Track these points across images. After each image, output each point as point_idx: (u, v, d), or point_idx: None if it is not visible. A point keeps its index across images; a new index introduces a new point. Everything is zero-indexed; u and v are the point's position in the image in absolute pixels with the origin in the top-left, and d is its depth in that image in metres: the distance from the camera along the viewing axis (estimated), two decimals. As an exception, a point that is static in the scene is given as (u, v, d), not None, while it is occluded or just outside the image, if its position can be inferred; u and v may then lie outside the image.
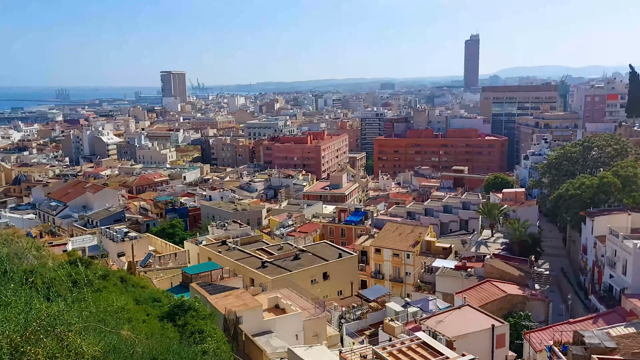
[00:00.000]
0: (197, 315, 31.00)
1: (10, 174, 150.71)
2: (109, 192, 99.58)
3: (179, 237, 77.47)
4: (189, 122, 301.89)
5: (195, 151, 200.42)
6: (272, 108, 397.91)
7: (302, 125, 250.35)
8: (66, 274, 30.85)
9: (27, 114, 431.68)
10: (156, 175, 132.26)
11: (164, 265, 56.97)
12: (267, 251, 60.53)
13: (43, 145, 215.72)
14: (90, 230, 76.49)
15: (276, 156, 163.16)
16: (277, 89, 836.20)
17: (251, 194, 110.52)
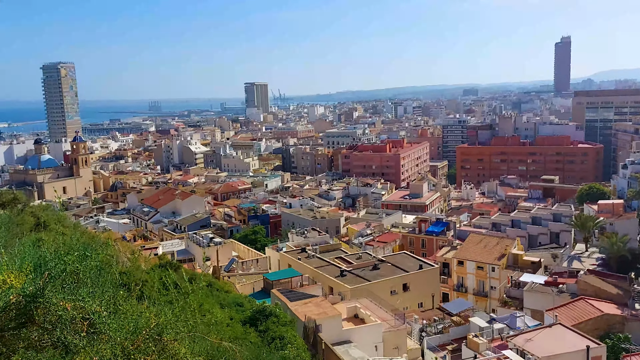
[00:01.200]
0: (278, 322, 31.38)
1: (108, 181, 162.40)
2: (196, 198, 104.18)
3: (261, 244, 79.32)
4: (271, 132, 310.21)
5: (277, 160, 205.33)
6: (350, 117, 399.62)
7: (381, 134, 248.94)
8: (157, 277, 32.44)
9: (123, 125, 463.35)
10: (240, 183, 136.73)
11: (246, 271, 58.49)
12: (345, 260, 60.41)
13: (137, 154, 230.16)
14: (179, 235, 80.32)
15: (354, 164, 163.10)
16: (356, 98, 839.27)
17: (330, 202, 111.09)
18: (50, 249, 5.00)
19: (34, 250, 4.23)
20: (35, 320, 3.26)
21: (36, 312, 3.25)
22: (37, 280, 3.33)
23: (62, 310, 3.35)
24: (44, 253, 3.73)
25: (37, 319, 3.26)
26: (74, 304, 3.41)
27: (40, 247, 9.11)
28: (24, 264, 3.30)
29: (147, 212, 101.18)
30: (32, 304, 3.28)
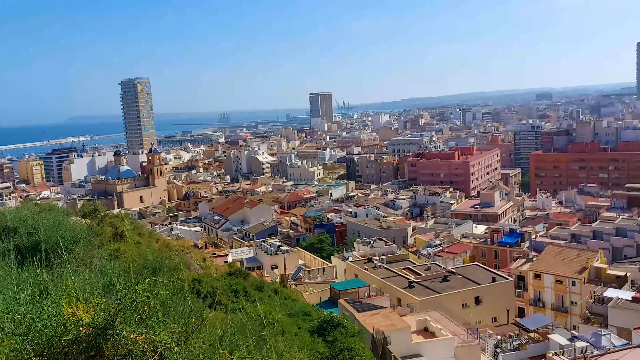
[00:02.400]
0: (345, 332, 30.93)
1: (181, 190, 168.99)
2: (263, 207, 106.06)
3: (327, 252, 79.29)
4: (335, 141, 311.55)
5: (341, 168, 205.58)
6: (416, 124, 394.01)
7: (448, 141, 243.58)
8: (227, 284, 33.01)
9: (194, 137, 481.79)
10: (305, 192, 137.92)
11: (313, 280, 58.52)
12: (414, 271, 59.00)
13: (208, 165, 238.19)
14: (247, 243, 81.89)
15: (421, 173, 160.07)
16: (422, 105, 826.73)
17: (396, 212, 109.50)
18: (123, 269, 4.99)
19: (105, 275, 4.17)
20: (104, 354, 3.11)
21: (106, 345, 3.10)
22: (107, 310, 3.18)
23: (133, 343, 3.18)
24: (114, 281, 3.59)
25: (107, 353, 3.11)
26: (144, 336, 3.22)
27: (117, 258, 9.24)
28: (94, 294, 3.17)
29: (217, 221, 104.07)
30: (101, 336, 3.12)
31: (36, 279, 4.69)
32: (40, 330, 2.92)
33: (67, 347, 2.96)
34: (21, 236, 7.25)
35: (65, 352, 2.95)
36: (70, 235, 7.46)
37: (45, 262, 5.56)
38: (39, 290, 4.11)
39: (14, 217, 8.04)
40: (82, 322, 3.01)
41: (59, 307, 3.04)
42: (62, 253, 6.39)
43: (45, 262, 5.59)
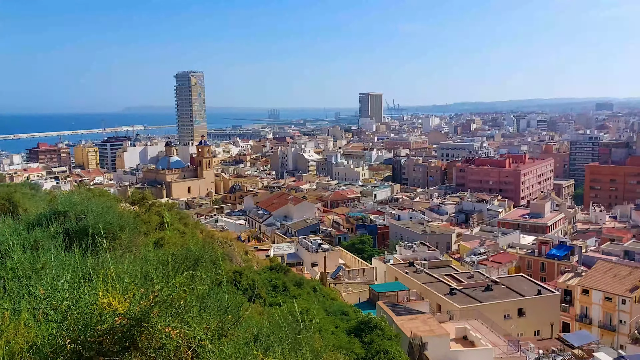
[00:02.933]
0: (382, 335, 30.70)
1: (228, 183, 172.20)
2: (307, 204, 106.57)
3: (367, 253, 78.83)
4: (383, 142, 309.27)
5: (387, 170, 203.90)
6: (468, 129, 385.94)
7: (500, 148, 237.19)
8: (267, 278, 33.37)
9: (244, 132, 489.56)
10: (349, 192, 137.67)
11: (352, 280, 58.35)
12: (456, 278, 57.90)
13: (255, 160, 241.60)
14: (289, 239, 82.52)
15: (470, 179, 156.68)
16: (474, 109, 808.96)
17: (441, 217, 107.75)
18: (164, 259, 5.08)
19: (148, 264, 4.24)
20: (138, 346, 3.15)
21: (140, 337, 3.13)
22: (144, 302, 3.21)
23: (167, 337, 3.20)
24: (152, 273, 3.63)
25: (141, 345, 3.14)
26: (179, 331, 3.24)
27: (161, 246, 9.44)
28: (132, 284, 3.21)
29: (261, 215, 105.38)
30: (136, 328, 3.16)
31: (80, 264, 4.84)
32: (76, 318, 2.99)
33: (102, 336, 3.02)
34: (70, 220, 7.53)
35: (100, 342, 3.01)
36: (118, 222, 7.68)
37: (91, 247, 5.73)
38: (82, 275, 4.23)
39: (64, 201, 8.35)
40: (117, 312, 3.05)
41: (96, 295, 3.10)
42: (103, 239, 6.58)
43: (92, 247, 5.77)
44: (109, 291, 3.17)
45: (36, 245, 5.46)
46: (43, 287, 3.32)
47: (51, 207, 8.57)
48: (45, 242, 6.01)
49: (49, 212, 8.09)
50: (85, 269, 4.11)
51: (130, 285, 3.28)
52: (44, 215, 7.95)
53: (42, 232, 6.76)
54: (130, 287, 3.25)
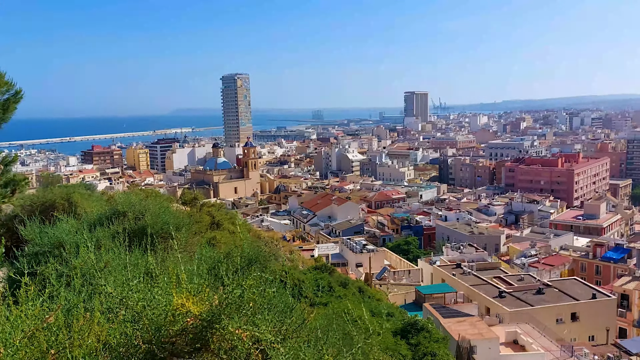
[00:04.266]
0: (429, 337, 30.24)
1: (273, 183, 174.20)
2: (351, 205, 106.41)
3: (413, 255, 77.91)
4: (429, 142, 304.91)
5: (433, 170, 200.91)
6: (517, 127, 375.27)
7: (552, 146, 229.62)
8: (312, 278, 33.48)
9: (288, 133, 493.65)
10: (394, 192, 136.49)
11: (397, 281, 57.81)
12: (505, 280, 56.43)
13: (299, 160, 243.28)
14: (333, 239, 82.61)
15: (520, 179, 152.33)
16: (524, 107, 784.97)
17: (489, 218, 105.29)
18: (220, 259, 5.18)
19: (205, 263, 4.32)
20: (210, 347, 3.20)
21: (212, 338, 3.18)
22: (215, 303, 3.27)
23: (238, 339, 3.24)
24: (223, 275, 3.68)
25: (212, 346, 3.19)
26: (249, 333, 3.27)
27: (214, 245, 9.62)
28: (202, 286, 3.27)
29: (305, 215, 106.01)
30: (207, 329, 3.21)
31: (142, 263, 4.99)
32: (151, 319, 3.07)
33: (174, 337, 3.08)
34: (129, 220, 7.79)
35: (172, 342, 3.08)
36: (174, 222, 7.88)
37: (150, 247, 5.90)
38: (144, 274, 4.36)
39: (124, 201, 8.65)
40: (190, 313, 3.11)
41: (169, 296, 3.18)
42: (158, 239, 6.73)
43: (150, 247, 5.93)
44: (182, 292, 3.24)
45: (98, 245, 5.68)
46: (113, 286, 3.44)
47: (111, 207, 8.91)
48: (106, 242, 6.25)
49: (109, 212, 8.41)
50: (149, 267, 4.23)
51: (202, 287, 3.34)
52: (105, 215, 8.27)
53: (103, 231, 7.04)
54: (202, 289, 3.31)
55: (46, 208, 11.44)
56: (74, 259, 5.32)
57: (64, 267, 4.88)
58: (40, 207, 11.31)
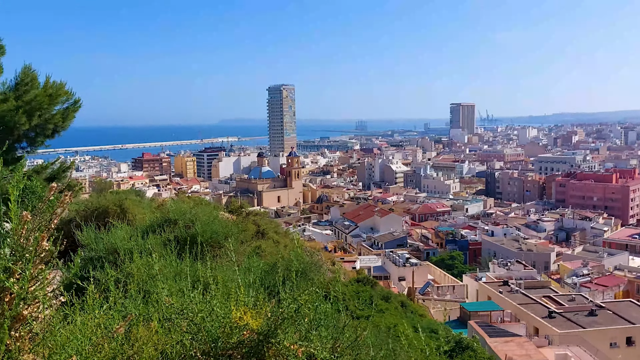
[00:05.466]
0: (475, 356, 29.37)
1: (315, 193, 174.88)
2: (394, 217, 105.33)
3: (458, 270, 76.25)
4: (475, 154, 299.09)
5: (480, 183, 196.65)
6: (568, 141, 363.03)
7: (605, 161, 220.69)
8: (354, 290, 33.21)
9: (331, 143, 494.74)
10: (438, 205, 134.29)
11: (441, 297, 56.65)
12: (555, 300, 54.32)
13: (342, 171, 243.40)
14: (376, 251, 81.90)
15: (571, 194, 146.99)
16: (576, 120, 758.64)
17: (538, 234, 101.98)
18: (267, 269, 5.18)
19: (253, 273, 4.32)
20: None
21: (267, 353, 3.15)
22: (272, 317, 3.24)
23: (293, 355, 3.20)
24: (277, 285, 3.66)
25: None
26: (304, 349, 3.23)
27: (259, 255, 9.66)
28: (259, 299, 3.26)
29: (347, 226, 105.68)
30: (264, 343, 3.19)
31: (192, 271, 5.04)
32: (209, 331, 3.07)
33: (231, 349, 3.08)
34: (180, 228, 7.94)
35: (229, 355, 3.07)
36: (223, 231, 7.98)
37: (200, 255, 5.97)
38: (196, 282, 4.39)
39: (175, 209, 8.84)
40: (248, 327, 3.10)
41: (228, 309, 3.17)
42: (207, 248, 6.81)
43: (200, 255, 6.01)
44: (239, 304, 3.24)
45: (150, 252, 5.79)
46: (169, 294, 3.48)
47: (162, 214, 9.13)
48: (158, 249, 6.37)
49: (160, 220, 8.62)
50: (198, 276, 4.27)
51: (258, 299, 3.33)
52: (156, 223, 8.48)
53: (155, 238, 7.20)
54: (258, 302, 3.30)
55: (99, 213, 11.82)
56: (127, 265, 5.44)
57: (118, 273, 5.00)
58: (94, 213, 11.69)
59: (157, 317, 3.27)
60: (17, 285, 2.27)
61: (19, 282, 2.29)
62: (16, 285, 2.27)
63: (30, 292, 2.34)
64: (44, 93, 15.29)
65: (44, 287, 2.42)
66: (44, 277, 2.40)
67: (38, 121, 15.47)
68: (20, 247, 2.36)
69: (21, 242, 2.37)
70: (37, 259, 2.42)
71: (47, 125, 15.79)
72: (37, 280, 2.41)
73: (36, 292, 2.38)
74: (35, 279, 2.40)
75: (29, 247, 2.38)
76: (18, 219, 2.40)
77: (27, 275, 2.29)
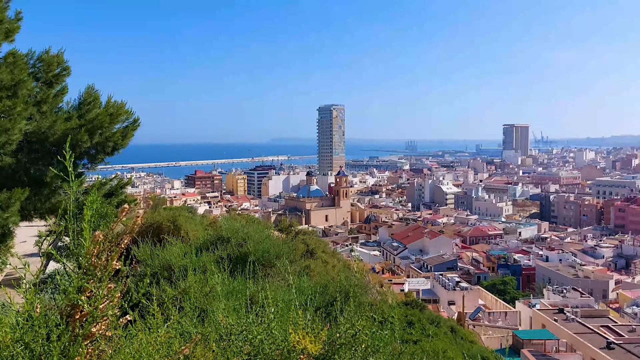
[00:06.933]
0: (528, 388, 28.18)
1: (363, 213, 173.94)
2: (444, 239, 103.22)
3: (510, 296, 73.71)
4: (529, 176, 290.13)
5: (533, 207, 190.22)
6: (628, 164, 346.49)
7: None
8: (402, 314, 32.59)
9: (380, 162, 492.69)
10: (490, 228, 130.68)
11: (493, 323, 54.75)
12: (614, 330, 51.37)
13: (391, 191, 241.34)
14: (425, 274, 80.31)
15: (631, 220, 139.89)
16: (636, 143, 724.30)
17: (596, 261, 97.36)
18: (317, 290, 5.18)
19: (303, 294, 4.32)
20: None
21: None
22: (328, 342, 3.23)
23: None
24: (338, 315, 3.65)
25: None
26: None
27: (308, 275, 9.67)
28: (317, 326, 3.25)
29: (395, 247, 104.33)
30: None
31: (245, 290, 5.10)
32: (267, 354, 3.09)
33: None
34: (232, 246, 8.07)
35: (284, 378, 3.07)
36: (274, 250, 8.05)
37: (252, 274, 6.04)
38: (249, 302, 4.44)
39: (228, 227, 9.01)
40: (305, 351, 3.11)
41: (286, 332, 3.19)
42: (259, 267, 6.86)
43: (252, 274, 6.08)
44: (297, 327, 3.25)
45: (204, 269, 5.91)
46: (225, 314, 3.53)
47: (216, 232, 9.32)
48: (210, 267, 6.50)
49: (213, 237, 8.80)
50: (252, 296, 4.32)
51: (315, 323, 3.33)
52: (209, 240, 8.67)
53: (209, 256, 7.35)
54: (316, 325, 3.30)
55: (154, 229, 12.19)
56: (182, 282, 5.57)
57: (174, 290, 5.13)
58: (149, 229, 12.07)
59: (213, 337, 3.32)
60: (89, 304, 2.37)
61: (90, 300, 2.39)
62: (88, 304, 2.37)
63: (100, 310, 2.44)
64: (105, 112, 16.03)
65: (113, 306, 2.52)
66: (113, 296, 2.50)
67: (99, 139, 16.20)
68: (92, 267, 2.47)
69: (93, 261, 2.48)
70: (107, 277, 2.52)
71: (107, 143, 16.49)
72: (107, 299, 2.51)
73: (106, 311, 2.48)
74: (105, 297, 2.50)
75: (100, 266, 2.49)
76: (91, 238, 2.52)
77: (99, 294, 2.39)
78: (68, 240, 3.05)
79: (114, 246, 2.66)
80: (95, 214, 2.94)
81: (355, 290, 6.07)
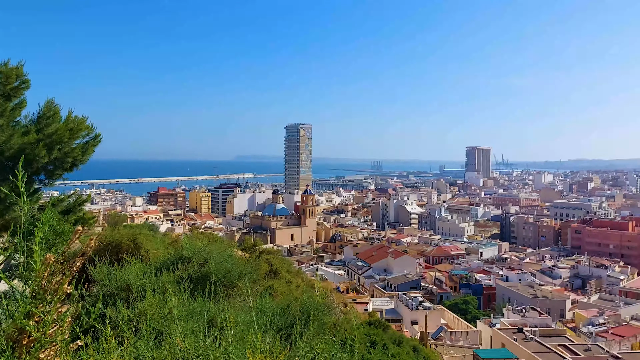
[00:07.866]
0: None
1: (329, 232, 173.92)
2: (407, 259, 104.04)
3: (471, 315, 74.64)
4: (490, 198, 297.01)
5: (494, 227, 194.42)
6: (584, 187, 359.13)
7: (621, 209, 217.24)
8: (365, 334, 32.54)
9: (346, 182, 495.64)
10: (453, 248, 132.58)
11: (454, 342, 55.25)
12: (571, 349, 52.51)
13: (356, 210, 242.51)
14: (388, 293, 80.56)
15: (587, 241, 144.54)
16: (592, 167, 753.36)
17: (554, 281, 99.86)
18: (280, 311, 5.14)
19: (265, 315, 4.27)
20: None
21: None
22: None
23: None
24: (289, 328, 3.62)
25: None
26: None
27: (271, 295, 9.58)
28: (276, 349, 3.21)
29: (360, 266, 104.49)
30: None
31: (205, 311, 5.01)
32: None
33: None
34: (194, 266, 7.93)
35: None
36: (236, 270, 7.95)
37: (213, 295, 5.94)
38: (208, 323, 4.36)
39: (189, 247, 8.86)
40: None
41: (244, 355, 3.13)
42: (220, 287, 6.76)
43: (213, 295, 5.98)
44: (255, 351, 3.20)
45: (163, 290, 5.78)
46: (182, 337, 3.45)
47: (177, 251, 9.14)
48: (170, 287, 6.36)
49: (174, 257, 8.63)
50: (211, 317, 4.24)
51: (274, 346, 3.29)
52: (170, 260, 8.49)
53: (169, 276, 7.19)
54: (275, 349, 3.25)
55: (112, 248, 11.88)
56: (139, 303, 5.43)
57: (130, 311, 4.99)
58: (107, 247, 11.75)
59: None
60: (37, 329, 2.28)
61: (39, 325, 2.31)
62: (36, 330, 2.28)
63: (49, 335, 2.35)
64: (65, 127, 15.65)
65: (63, 331, 2.43)
66: (63, 321, 2.42)
67: (57, 154, 15.77)
68: (42, 290, 2.39)
69: (43, 284, 2.40)
70: (57, 301, 2.43)
71: (66, 158, 16.07)
72: (56, 324, 2.42)
73: (55, 336, 2.39)
74: (54, 322, 2.41)
75: (51, 290, 2.40)
76: (41, 261, 2.44)
77: (48, 319, 2.31)
78: (21, 258, 2.94)
79: (67, 269, 2.57)
80: (50, 232, 2.85)
81: (316, 311, 6.04)
